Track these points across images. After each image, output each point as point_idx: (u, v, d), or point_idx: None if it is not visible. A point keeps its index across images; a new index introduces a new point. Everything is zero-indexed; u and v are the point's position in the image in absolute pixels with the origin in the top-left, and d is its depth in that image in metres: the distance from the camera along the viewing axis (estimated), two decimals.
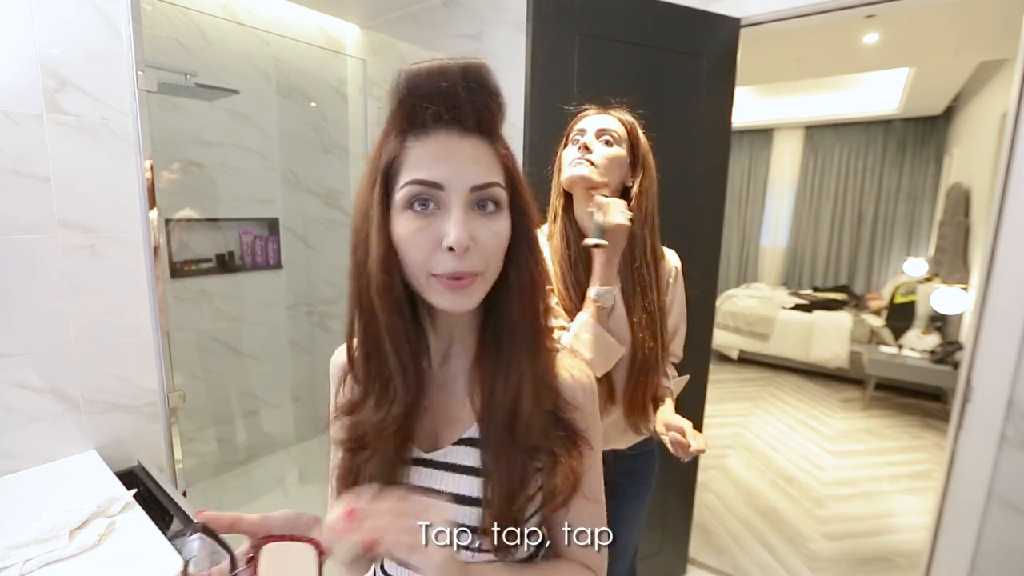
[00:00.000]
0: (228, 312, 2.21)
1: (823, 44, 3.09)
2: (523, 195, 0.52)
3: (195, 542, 0.44)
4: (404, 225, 0.47)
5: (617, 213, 0.93)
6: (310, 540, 0.45)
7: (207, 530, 0.42)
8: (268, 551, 0.44)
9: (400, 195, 0.47)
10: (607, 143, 1.00)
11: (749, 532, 2.31)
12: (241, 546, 0.45)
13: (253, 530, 0.45)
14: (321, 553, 0.44)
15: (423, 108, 0.46)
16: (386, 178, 0.48)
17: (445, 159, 0.46)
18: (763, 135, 6.12)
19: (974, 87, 4.07)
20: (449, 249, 0.45)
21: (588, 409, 0.56)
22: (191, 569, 0.41)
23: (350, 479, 0.54)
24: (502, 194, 0.48)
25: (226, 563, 0.43)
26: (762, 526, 2.37)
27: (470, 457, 0.53)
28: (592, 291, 0.96)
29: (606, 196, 0.96)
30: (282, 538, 0.44)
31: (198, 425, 2.14)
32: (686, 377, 1.17)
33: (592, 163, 0.98)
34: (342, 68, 2.30)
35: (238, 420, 2.31)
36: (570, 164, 1.00)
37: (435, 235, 0.46)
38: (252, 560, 0.44)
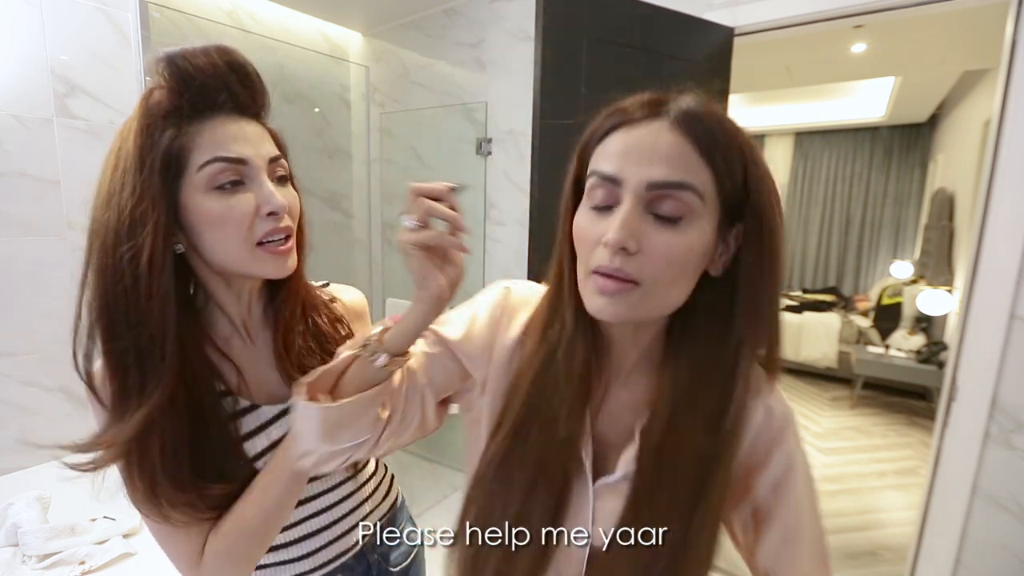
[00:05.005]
0: None
1: (813, 53, 3.16)
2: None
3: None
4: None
5: None
6: None
7: None
8: None
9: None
10: None
11: None
12: None
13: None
14: None
15: None
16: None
17: None
18: (754, 141, 6.20)
19: (958, 96, 4.16)
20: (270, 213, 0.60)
21: None
22: None
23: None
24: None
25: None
26: None
27: None
28: None
29: None
30: None
31: None
32: None
33: None
34: (345, 74, 2.33)
35: None
36: None
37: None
38: None
